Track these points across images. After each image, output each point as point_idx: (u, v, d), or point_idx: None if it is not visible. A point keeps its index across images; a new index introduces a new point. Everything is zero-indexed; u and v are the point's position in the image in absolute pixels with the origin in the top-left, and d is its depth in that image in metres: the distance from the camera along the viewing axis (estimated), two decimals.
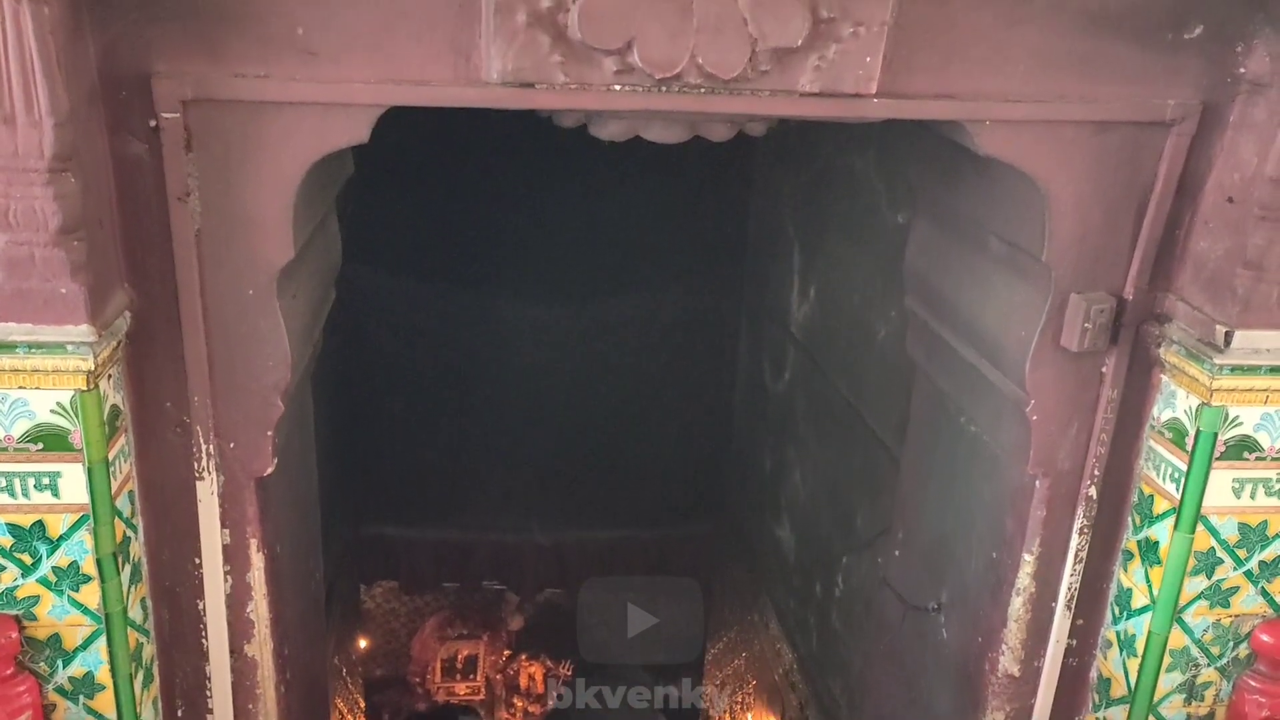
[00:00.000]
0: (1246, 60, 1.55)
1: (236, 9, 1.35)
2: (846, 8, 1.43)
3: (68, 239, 1.33)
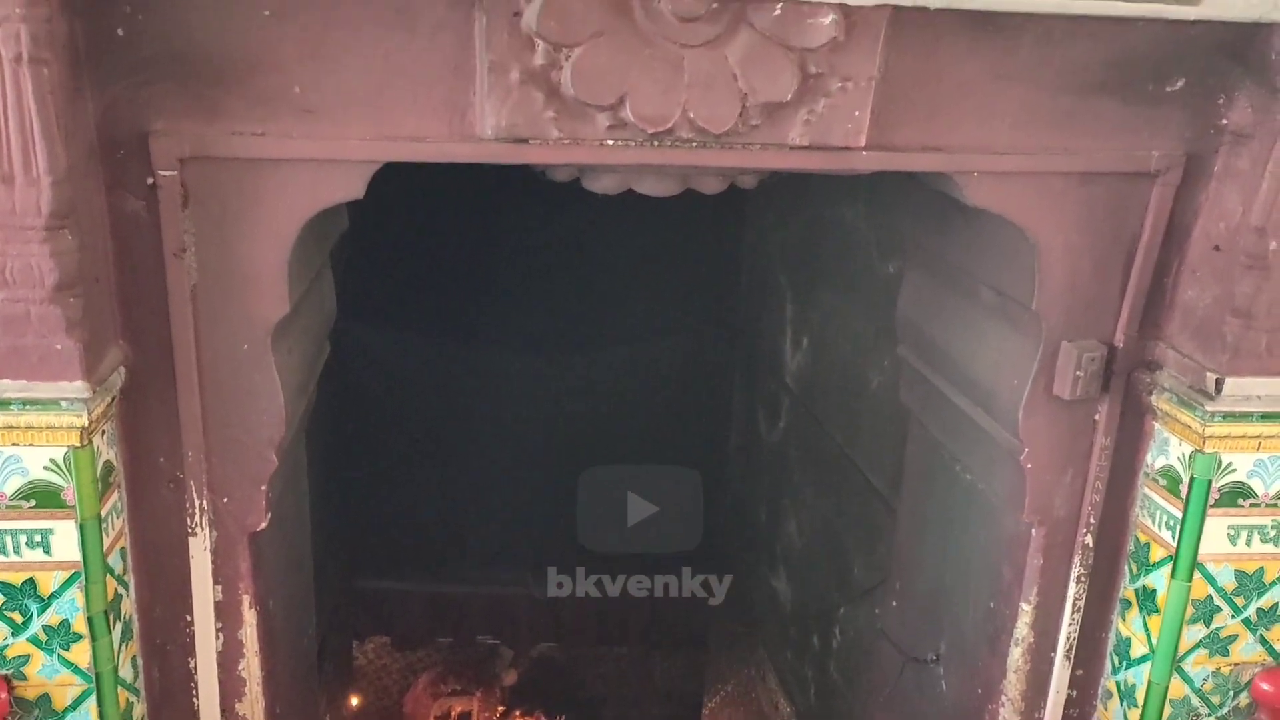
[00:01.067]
0: (1228, 112, 1.58)
1: (234, 69, 1.36)
2: (834, 64, 1.45)
3: (64, 295, 1.33)
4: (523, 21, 1.37)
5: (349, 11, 1.37)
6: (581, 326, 4.03)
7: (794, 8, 1.40)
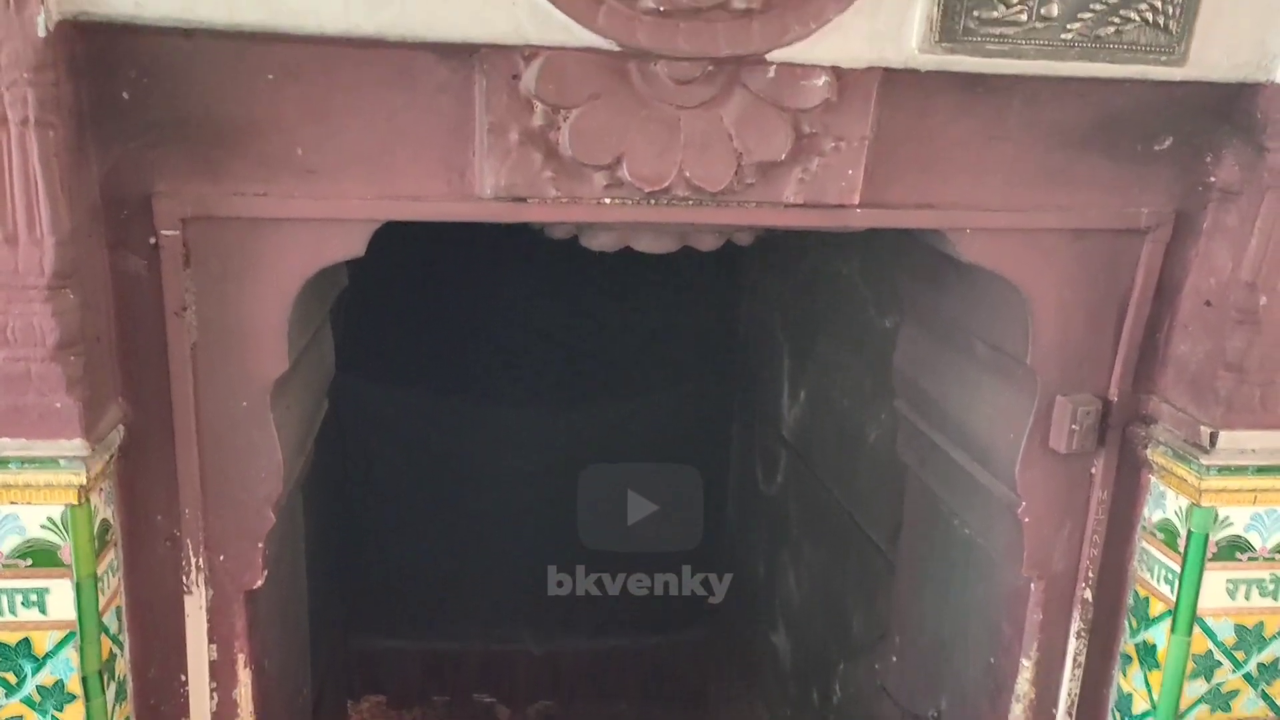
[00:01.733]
0: (1216, 169, 1.60)
1: (238, 131, 1.39)
2: (828, 124, 1.48)
3: (65, 354, 1.34)
4: (521, 84, 1.40)
5: (351, 75, 1.39)
6: (578, 381, 4.04)
7: (787, 70, 1.43)
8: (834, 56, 1.43)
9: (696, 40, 1.37)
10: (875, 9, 1.40)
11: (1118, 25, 1.42)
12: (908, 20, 1.41)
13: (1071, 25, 1.42)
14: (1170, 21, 1.43)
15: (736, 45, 1.39)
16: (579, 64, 1.39)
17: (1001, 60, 1.44)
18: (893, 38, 1.42)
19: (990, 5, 1.40)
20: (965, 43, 1.42)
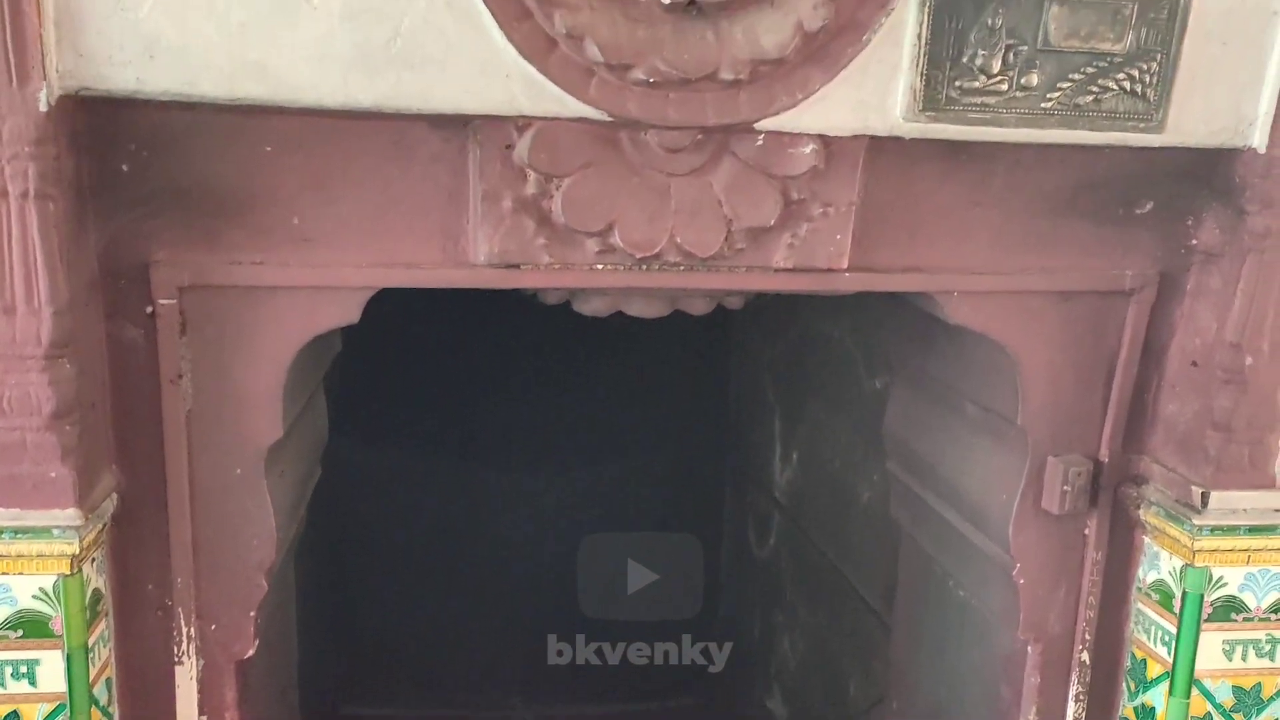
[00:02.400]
0: (1197, 232, 1.63)
1: (236, 201, 1.41)
2: (816, 190, 1.50)
3: (60, 423, 1.34)
4: (515, 154, 1.42)
5: (348, 145, 1.41)
6: (570, 444, 4.04)
7: (775, 138, 1.46)
8: (821, 125, 1.46)
9: (686, 110, 1.41)
10: (860, 79, 1.43)
11: (1096, 94, 1.46)
12: (892, 90, 1.44)
13: (1051, 94, 1.45)
14: (1147, 90, 1.47)
15: (725, 115, 1.42)
16: (571, 134, 1.42)
17: (984, 128, 1.47)
18: (878, 107, 1.45)
19: (972, 75, 1.43)
20: (948, 111, 1.45)
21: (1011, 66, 1.43)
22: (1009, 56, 1.43)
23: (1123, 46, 1.44)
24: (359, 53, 1.32)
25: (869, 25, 1.40)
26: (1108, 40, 1.44)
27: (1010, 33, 1.42)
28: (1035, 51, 1.43)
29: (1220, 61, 1.48)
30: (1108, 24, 1.43)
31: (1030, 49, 1.43)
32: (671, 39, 1.37)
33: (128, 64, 1.27)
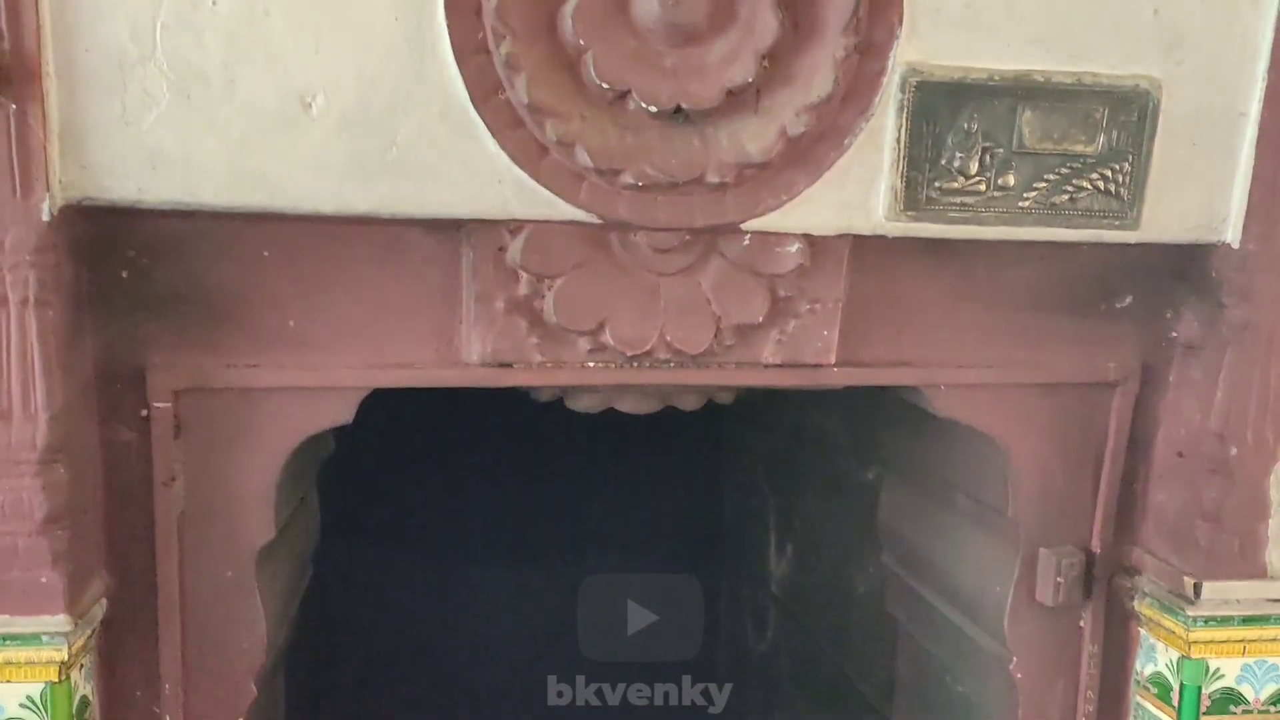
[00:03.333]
0: (1178, 325, 1.67)
1: (233, 305, 1.43)
2: (803, 287, 1.54)
3: (52, 528, 1.34)
4: (507, 255, 1.46)
5: (344, 249, 1.45)
6: (563, 542, 4.02)
7: (761, 238, 1.50)
8: (806, 225, 1.50)
9: (674, 212, 1.44)
10: (842, 181, 1.47)
11: (1071, 193, 1.51)
12: (874, 191, 1.48)
13: (1028, 194, 1.50)
14: (1121, 189, 1.51)
15: (712, 217, 1.46)
16: (563, 236, 1.45)
17: (964, 227, 1.51)
18: (860, 207, 1.49)
19: (950, 176, 1.48)
20: (928, 211, 1.49)
21: (988, 168, 1.48)
22: (985, 158, 1.48)
23: (1095, 148, 1.49)
24: (356, 161, 1.36)
25: (850, 130, 1.44)
26: (1080, 142, 1.49)
27: (986, 136, 1.47)
28: (1011, 154, 1.48)
29: (1191, 161, 1.53)
30: (1079, 127, 1.48)
31: (1006, 151, 1.48)
32: (659, 145, 1.41)
33: (130, 175, 1.31)
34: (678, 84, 1.37)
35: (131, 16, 1.26)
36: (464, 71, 1.35)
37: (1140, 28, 1.47)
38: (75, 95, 1.28)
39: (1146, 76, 1.48)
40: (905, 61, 1.43)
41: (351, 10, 1.31)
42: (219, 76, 1.30)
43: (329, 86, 1.33)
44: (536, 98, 1.35)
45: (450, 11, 1.33)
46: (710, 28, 1.36)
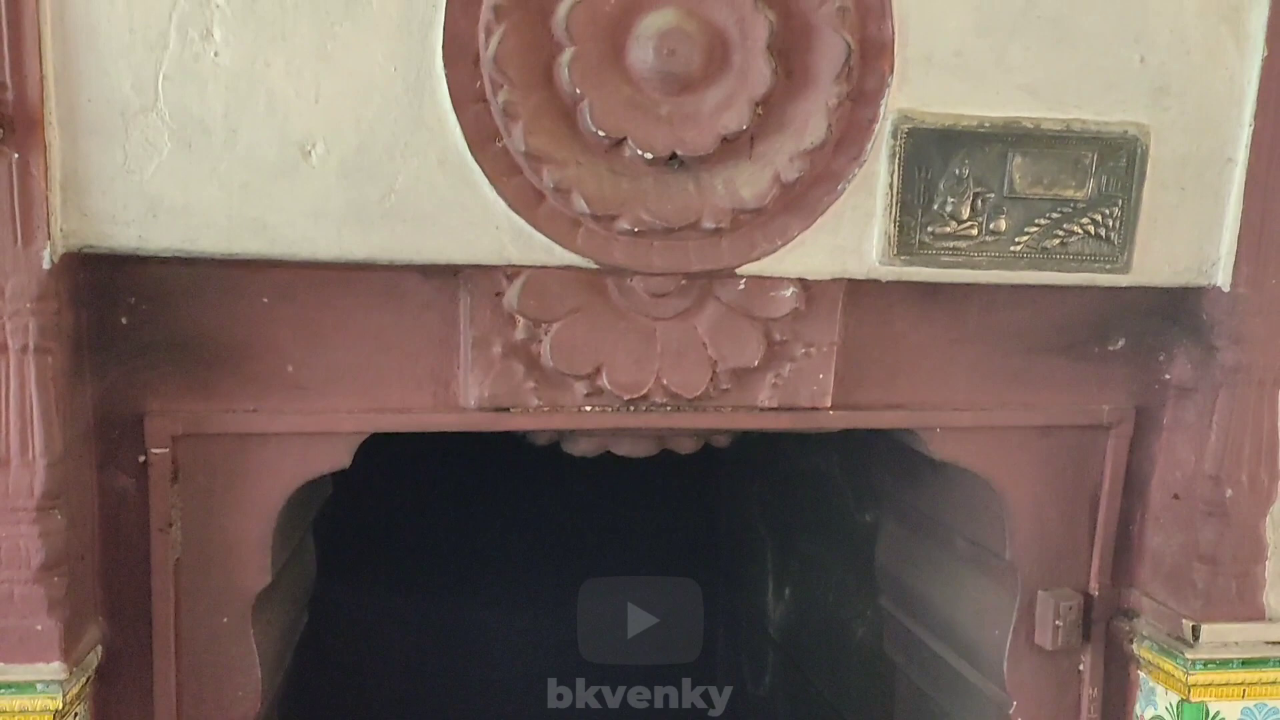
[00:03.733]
0: (1170, 368, 1.68)
1: (231, 350, 1.44)
2: (798, 331, 1.55)
3: (49, 575, 1.34)
4: (504, 300, 1.47)
5: (342, 295, 1.46)
6: (560, 584, 3.99)
7: (757, 282, 1.51)
8: (800, 269, 1.51)
9: (670, 257, 1.46)
10: (836, 226, 1.49)
11: (1062, 238, 1.52)
12: (867, 236, 1.50)
13: (1019, 238, 1.52)
14: (1111, 234, 1.53)
15: (708, 261, 1.47)
16: (559, 281, 1.47)
17: (957, 270, 1.53)
18: (854, 251, 1.51)
19: (943, 221, 1.50)
20: (921, 255, 1.51)
21: (980, 213, 1.50)
22: (977, 203, 1.49)
23: (1085, 193, 1.51)
24: (355, 208, 1.37)
25: (843, 176, 1.46)
26: (1070, 188, 1.51)
27: (977, 181, 1.49)
28: (1002, 199, 1.50)
29: (1180, 206, 1.55)
30: (1069, 172, 1.50)
31: (997, 196, 1.50)
32: (655, 191, 1.43)
33: (130, 223, 1.32)
34: (673, 131, 1.39)
35: (134, 68, 1.28)
36: (462, 119, 1.37)
37: (1127, 75, 1.50)
38: (77, 144, 1.29)
39: (1134, 123, 1.51)
40: (897, 109, 1.45)
41: (351, 60, 1.33)
42: (220, 126, 1.31)
43: (329, 135, 1.34)
44: (533, 145, 1.37)
45: (448, 61, 1.35)
46: (705, 76, 1.38)
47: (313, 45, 1.31)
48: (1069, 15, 1.46)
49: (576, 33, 1.34)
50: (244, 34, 1.30)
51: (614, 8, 1.35)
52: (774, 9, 1.37)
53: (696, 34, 1.36)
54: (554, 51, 1.36)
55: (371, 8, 1.32)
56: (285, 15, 1.30)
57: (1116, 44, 1.48)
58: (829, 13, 1.38)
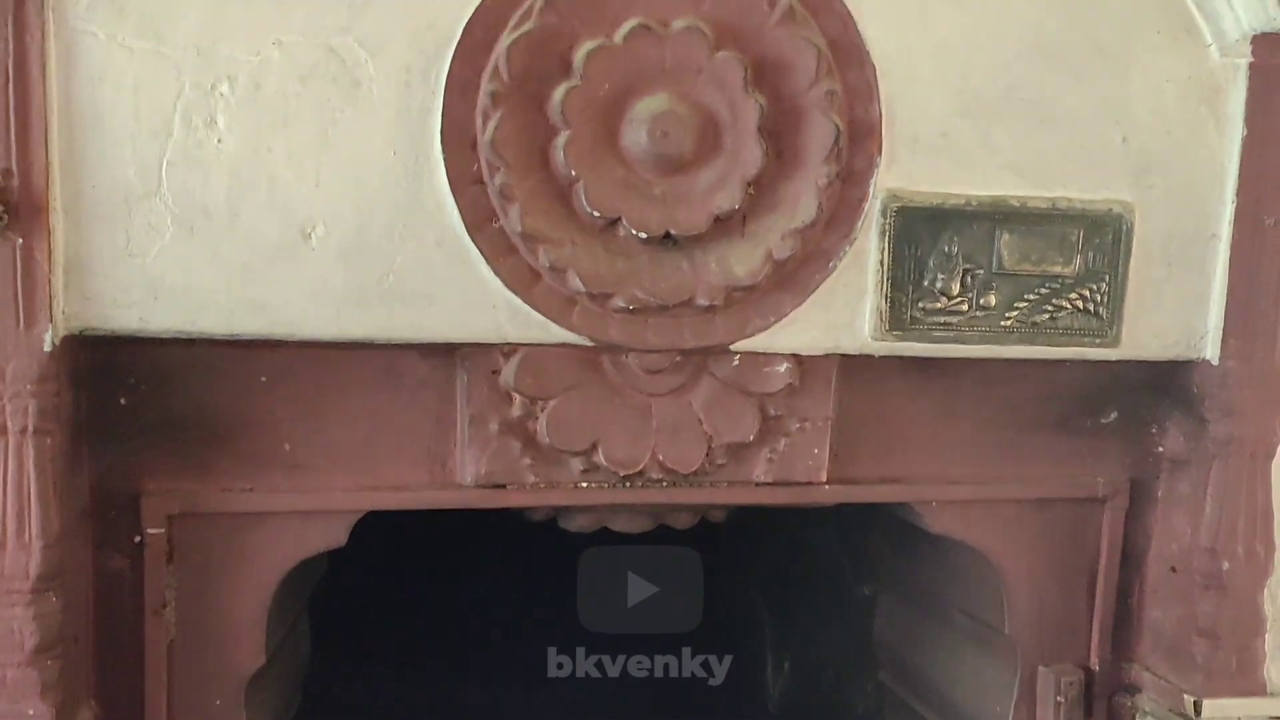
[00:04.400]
0: (1163, 440, 1.69)
1: (229, 430, 1.45)
2: (792, 406, 1.56)
3: (42, 658, 1.33)
4: (501, 378, 1.48)
5: (339, 373, 1.47)
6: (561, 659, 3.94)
7: (751, 358, 1.53)
8: (794, 345, 1.53)
9: (665, 335, 1.48)
10: (829, 302, 1.51)
11: (1051, 312, 1.54)
12: (859, 312, 1.52)
13: (1009, 313, 1.54)
14: (1100, 308, 1.55)
15: (702, 338, 1.49)
16: (555, 359, 1.48)
17: (948, 345, 1.54)
18: (847, 327, 1.53)
19: (933, 297, 1.52)
20: (913, 331, 1.52)
21: (970, 289, 1.52)
22: (967, 279, 1.52)
23: (1072, 269, 1.54)
24: (354, 289, 1.39)
25: (834, 253, 1.49)
26: (1058, 264, 1.53)
27: (966, 258, 1.51)
28: (991, 275, 1.52)
29: (1166, 281, 1.58)
30: (1056, 249, 1.53)
31: (986, 272, 1.52)
32: (649, 269, 1.45)
33: (132, 305, 1.34)
34: (667, 211, 1.42)
35: (139, 154, 1.31)
36: (459, 201, 1.39)
37: (1110, 154, 1.53)
38: (81, 229, 1.32)
39: (1119, 201, 1.54)
40: (885, 188, 1.48)
41: (352, 146, 1.36)
42: (222, 210, 1.34)
43: (328, 217, 1.37)
44: (530, 225, 1.39)
45: (447, 145, 1.38)
46: (697, 157, 1.41)
47: (314, 131, 1.35)
48: (1051, 97, 1.50)
49: (572, 117, 1.38)
50: (247, 121, 1.33)
51: (608, 93, 1.39)
52: (764, 92, 1.40)
53: (689, 117, 1.39)
54: (550, 135, 1.39)
55: (372, 95, 1.35)
56: (288, 103, 1.34)
57: (1098, 125, 1.52)
58: (817, 96, 1.42)
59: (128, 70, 1.30)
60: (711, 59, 1.38)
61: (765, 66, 1.41)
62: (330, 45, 1.34)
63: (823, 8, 1.43)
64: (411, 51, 1.36)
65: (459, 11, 1.36)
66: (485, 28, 1.36)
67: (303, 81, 1.34)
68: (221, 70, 1.32)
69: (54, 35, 1.28)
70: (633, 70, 1.38)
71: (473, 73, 1.37)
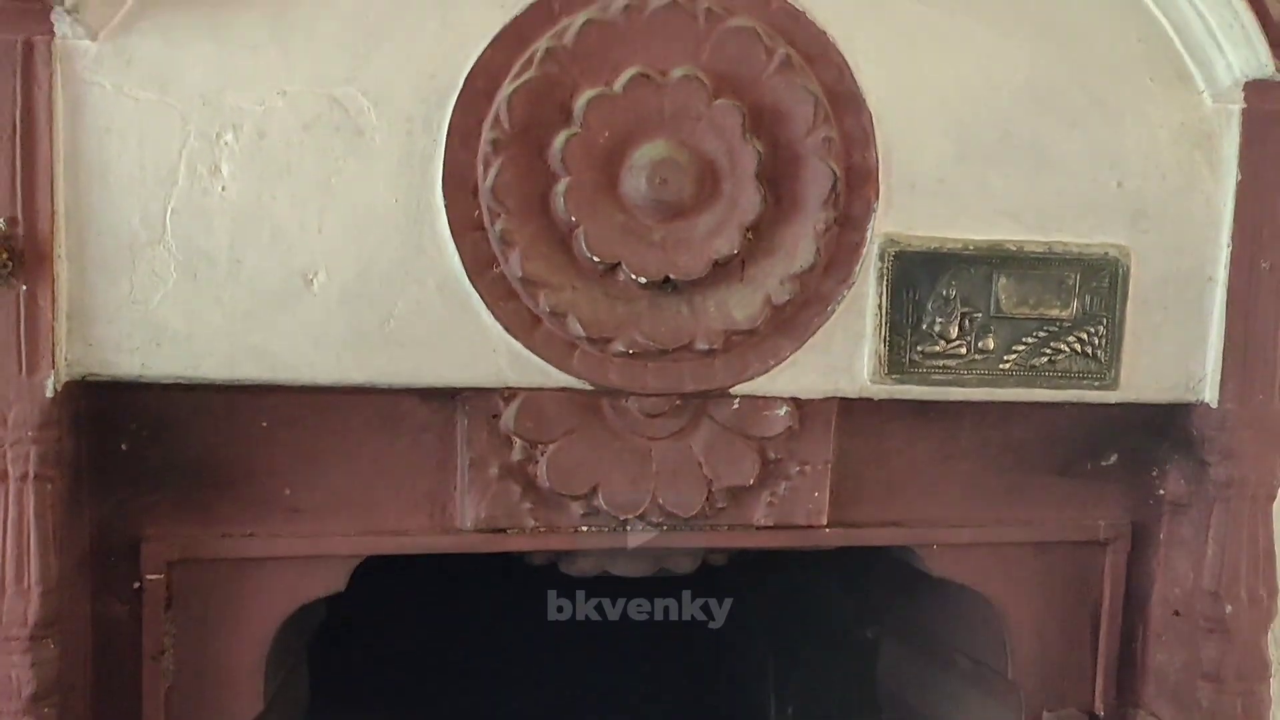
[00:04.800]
0: (1163, 483, 1.69)
1: (230, 475, 1.45)
2: (792, 449, 1.56)
3: (39, 706, 1.32)
4: (501, 422, 1.48)
5: (340, 418, 1.47)
6: (564, 705, 3.91)
7: (750, 402, 1.53)
8: (793, 388, 1.53)
9: (664, 379, 1.48)
10: (827, 346, 1.52)
11: (1050, 355, 1.55)
12: (858, 356, 1.52)
13: (1008, 357, 1.54)
14: (1098, 351, 1.56)
15: (701, 382, 1.49)
16: (555, 403, 1.49)
17: (947, 388, 1.55)
18: (846, 370, 1.53)
19: (932, 341, 1.52)
20: (912, 374, 1.53)
21: (968, 332, 1.53)
22: (965, 323, 1.53)
23: (1070, 312, 1.55)
24: (355, 334, 1.40)
25: (833, 297, 1.50)
26: (1055, 307, 1.54)
27: (964, 301, 1.52)
28: (989, 318, 1.53)
29: (1163, 324, 1.58)
30: (1053, 293, 1.54)
31: (984, 316, 1.53)
32: (649, 314, 1.46)
33: (134, 351, 1.35)
34: (666, 256, 1.43)
35: (143, 203, 1.33)
36: (460, 247, 1.41)
37: (1106, 199, 1.54)
38: (85, 276, 1.33)
39: (1115, 245, 1.55)
40: (883, 233, 1.49)
41: (354, 193, 1.38)
42: (225, 257, 1.35)
43: (330, 263, 1.38)
44: (530, 271, 1.40)
45: (448, 192, 1.40)
46: (696, 203, 1.42)
47: (317, 179, 1.36)
48: (1046, 144, 1.52)
49: (572, 164, 1.39)
50: (251, 169, 1.34)
51: (607, 140, 1.40)
52: (762, 139, 1.42)
53: (687, 164, 1.41)
54: (550, 182, 1.41)
55: (375, 143, 1.37)
56: (291, 151, 1.35)
57: (1093, 170, 1.54)
58: (815, 143, 1.44)
59: (134, 120, 1.32)
60: (710, 107, 1.40)
61: (763, 114, 1.43)
62: (334, 95, 1.36)
63: (819, 57, 1.45)
64: (414, 101, 1.38)
65: (461, 62, 1.38)
66: (487, 77, 1.38)
67: (306, 130, 1.35)
68: (227, 119, 1.34)
69: (61, 86, 1.30)
70: (632, 118, 1.40)
71: (474, 121, 1.38)
